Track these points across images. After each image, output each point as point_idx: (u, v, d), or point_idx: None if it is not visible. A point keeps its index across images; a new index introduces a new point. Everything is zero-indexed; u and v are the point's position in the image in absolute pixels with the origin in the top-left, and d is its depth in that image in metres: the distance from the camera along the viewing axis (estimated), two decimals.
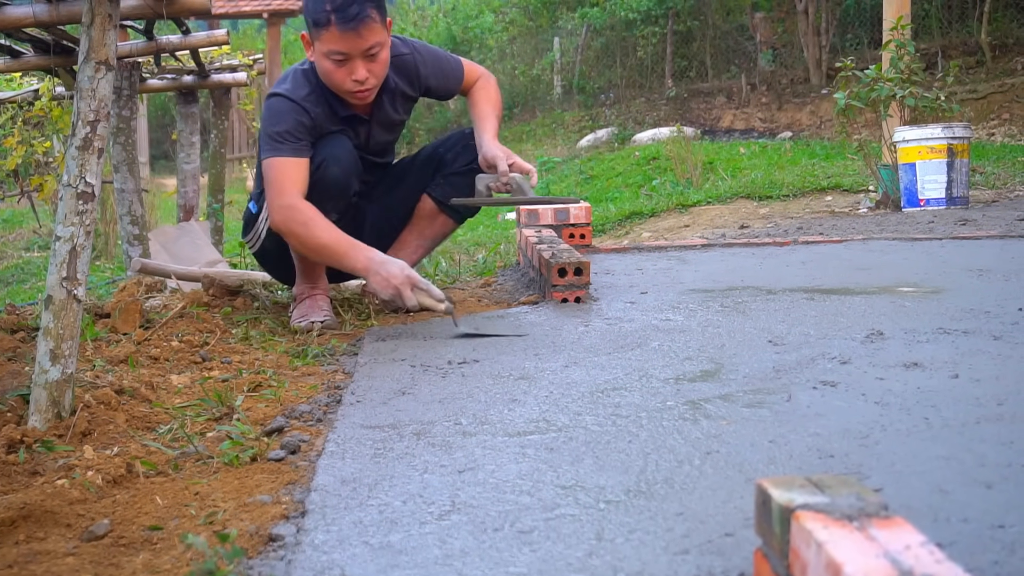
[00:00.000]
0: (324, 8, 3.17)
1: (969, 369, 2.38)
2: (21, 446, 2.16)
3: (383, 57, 3.29)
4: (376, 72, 3.29)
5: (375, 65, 3.27)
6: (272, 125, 3.27)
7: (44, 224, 11.06)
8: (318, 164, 3.29)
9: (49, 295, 2.35)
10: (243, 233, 3.71)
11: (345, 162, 3.34)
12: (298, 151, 3.24)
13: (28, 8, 3.63)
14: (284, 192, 3.19)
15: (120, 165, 5.68)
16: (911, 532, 1.11)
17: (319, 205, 3.27)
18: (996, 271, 3.72)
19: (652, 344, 2.81)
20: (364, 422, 2.24)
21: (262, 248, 3.60)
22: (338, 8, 3.15)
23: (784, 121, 15.52)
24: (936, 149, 6.80)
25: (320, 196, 3.28)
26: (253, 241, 3.62)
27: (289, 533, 1.65)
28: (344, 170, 3.33)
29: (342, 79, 3.25)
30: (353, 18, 3.15)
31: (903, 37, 7.38)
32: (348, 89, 3.28)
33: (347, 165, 3.35)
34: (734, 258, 4.38)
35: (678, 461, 1.88)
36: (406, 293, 2.98)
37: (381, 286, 3.01)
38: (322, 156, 3.30)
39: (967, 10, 14.88)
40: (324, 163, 3.29)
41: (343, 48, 3.19)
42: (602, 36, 18.66)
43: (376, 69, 3.28)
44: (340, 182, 3.33)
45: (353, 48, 3.20)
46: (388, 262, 3.06)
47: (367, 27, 3.18)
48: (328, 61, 3.24)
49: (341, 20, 3.15)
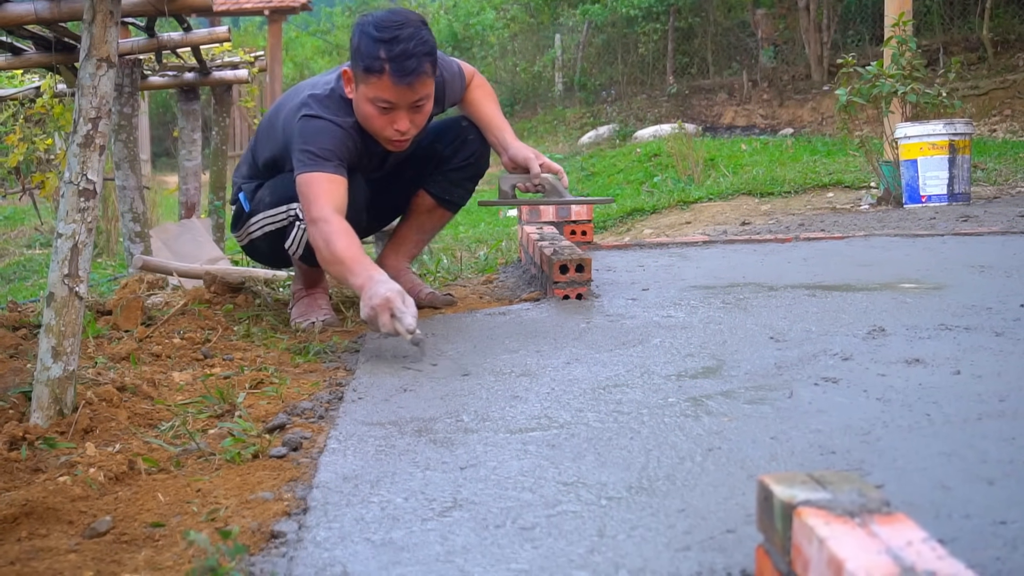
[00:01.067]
0: (379, 55, 3.02)
1: (971, 365, 2.38)
2: (23, 443, 2.16)
3: (427, 108, 3.19)
4: (418, 123, 3.20)
5: (419, 116, 3.18)
6: (316, 142, 3.11)
7: (46, 221, 11.06)
8: None
9: (51, 292, 2.35)
10: (232, 227, 3.63)
11: (358, 203, 3.24)
12: (339, 169, 3.10)
13: (30, 5, 3.63)
14: (319, 205, 3.03)
15: (122, 162, 5.68)
16: (913, 528, 1.11)
17: None
18: (998, 267, 3.72)
19: (654, 341, 2.81)
20: (366, 419, 2.24)
21: (251, 244, 3.54)
22: (395, 58, 3.01)
23: (786, 118, 15.52)
24: (938, 145, 6.79)
25: None
26: (242, 237, 3.55)
27: (291, 530, 1.66)
28: (356, 210, 3.21)
29: (383, 126, 3.15)
30: (410, 72, 3.03)
31: (905, 33, 7.37)
32: (387, 136, 3.18)
33: (359, 205, 3.25)
34: (736, 255, 4.38)
35: (680, 458, 1.88)
36: (383, 318, 2.75)
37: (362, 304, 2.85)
38: None
39: (969, 6, 14.87)
40: None
41: (392, 99, 3.08)
42: (603, 33, 18.66)
43: (419, 120, 3.20)
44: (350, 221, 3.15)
45: (402, 100, 3.09)
46: (380, 284, 2.82)
47: (420, 81, 3.06)
48: (371, 107, 3.11)
49: (397, 72, 3.02)
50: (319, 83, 3.31)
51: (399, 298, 2.75)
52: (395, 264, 3.67)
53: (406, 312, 2.72)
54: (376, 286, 2.80)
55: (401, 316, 2.72)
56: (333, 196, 3.05)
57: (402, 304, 2.74)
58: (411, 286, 3.58)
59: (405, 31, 3.03)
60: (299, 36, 26.22)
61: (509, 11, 21.25)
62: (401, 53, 3.00)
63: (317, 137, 3.12)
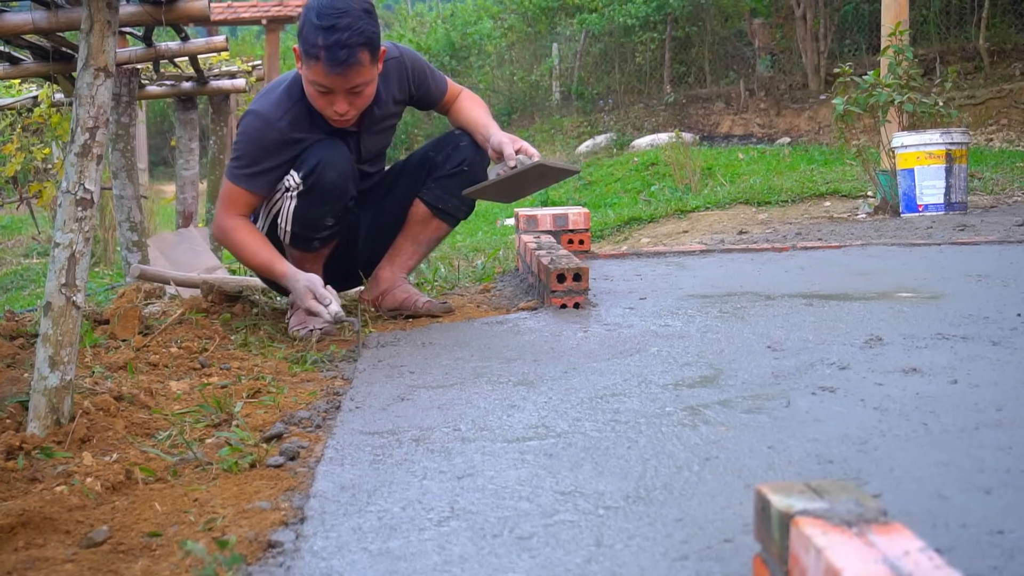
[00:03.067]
0: (316, 42, 3.13)
1: (968, 375, 2.38)
2: (20, 452, 2.16)
3: (368, 92, 3.27)
4: (359, 105, 3.28)
5: (358, 99, 3.26)
6: (236, 147, 3.36)
7: (43, 230, 11.06)
8: (313, 167, 3.27)
9: (48, 301, 2.35)
10: None
11: (341, 166, 3.32)
12: (251, 180, 3.30)
13: (27, 15, 3.64)
14: (227, 214, 3.33)
15: (119, 171, 5.68)
16: (910, 538, 1.11)
17: (317, 209, 3.29)
18: (995, 276, 3.72)
19: (651, 350, 2.81)
20: (363, 428, 2.24)
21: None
22: (329, 47, 3.10)
23: (783, 127, 15.53)
24: (934, 155, 6.80)
25: (317, 200, 3.29)
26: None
27: (288, 539, 1.65)
28: (341, 174, 3.31)
29: (323, 107, 3.26)
30: (341, 62, 3.11)
31: (901, 43, 7.38)
32: (328, 116, 3.28)
33: (343, 169, 3.32)
34: (733, 264, 4.38)
35: (677, 467, 1.88)
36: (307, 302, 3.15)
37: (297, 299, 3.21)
38: (317, 159, 3.27)
39: (965, 16, 14.90)
40: (320, 167, 3.27)
41: (327, 84, 3.17)
42: (600, 42, 18.68)
43: (359, 102, 3.27)
44: (337, 185, 3.30)
45: (337, 86, 3.18)
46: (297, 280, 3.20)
47: (354, 70, 3.15)
48: (311, 88, 3.22)
49: (330, 61, 3.12)
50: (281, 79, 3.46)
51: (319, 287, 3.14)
52: (390, 275, 3.64)
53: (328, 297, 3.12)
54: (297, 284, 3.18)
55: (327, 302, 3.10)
56: (240, 207, 3.34)
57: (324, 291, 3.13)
58: (406, 296, 3.58)
59: (343, 20, 3.10)
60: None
61: (506, 20, 21.27)
62: (335, 43, 3.09)
63: (240, 139, 3.34)
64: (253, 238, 3.33)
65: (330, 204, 3.33)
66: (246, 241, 3.32)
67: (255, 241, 3.32)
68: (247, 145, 3.30)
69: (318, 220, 3.35)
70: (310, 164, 3.27)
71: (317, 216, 3.33)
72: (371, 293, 3.67)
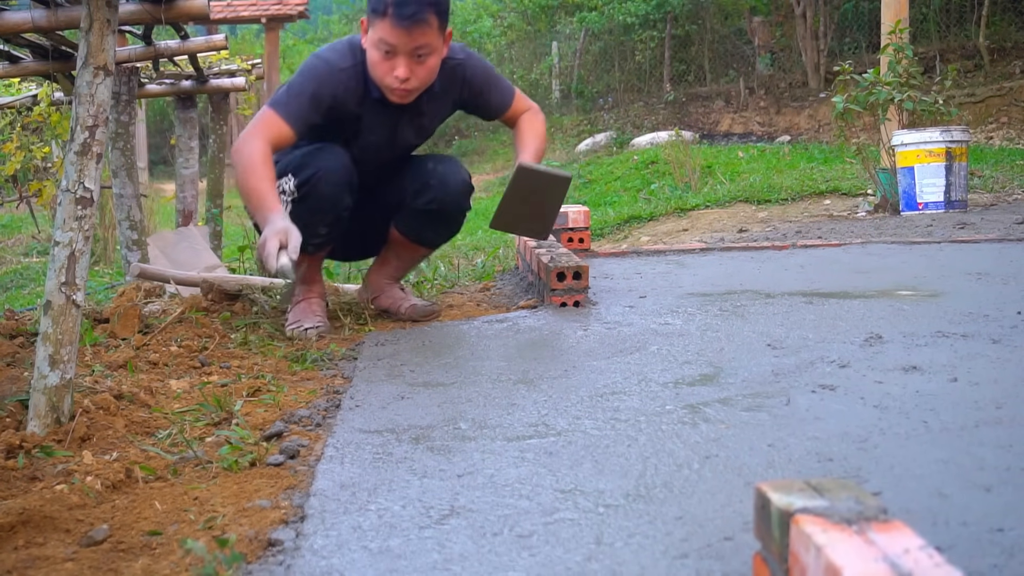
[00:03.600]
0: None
1: (968, 372, 2.38)
2: (20, 451, 2.16)
3: (430, 63, 3.22)
4: (420, 75, 3.22)
5: (420, 68, 3.21)
6: (296, 84, 3.26)
7: (43, 229, 11.06)
8: (309, 176, 3.22)
9: (48, 300, 2.35)
10: None
11: (338, 178, 3.26)
12: (295, 120, 3.19)
13: (27, 13, 3.64)
14: (255, 135, 3.16)
15: (119, 170, 5.68)
16: (910, 536, 1.11)
17: (309, 218, 3.19)
18: (994, 274, 3.72)
19: (651, 348, 2.81)
20: (363, 427, 2.24)
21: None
22: (398, 2, 3.11)
23: (782, 125, 15.54)
24: (934, 153, 6.80)
25: (310, 210, 3.22)
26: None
27: (288, 538, 1.65)
28: (336, 186, 3.25)
29: (385, 72, 3.20)
30: (409, 17, 3.10)
31: (901, 41, 7.38)
32: (388, 84, 3.21)
33: (339, 181, 3.27)
34: (732, 262, 4.38)
35: (677, 465, 1.88)
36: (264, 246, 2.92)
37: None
38: (315, 169, 3.23)
39: (965, 14, 14.90)
40: (316, 177, 3.22)
41: (392, 40, 3.14)
42: (600, 40, 18.68)
43: (420, 72, 3.22)
44: (331, 198, 3.25)
45: (402, 44, 3.14)
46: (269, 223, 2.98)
47: (420, 28, 3.12)
48: (376, 50, 3.19)
49: (397, 14, 3.11)
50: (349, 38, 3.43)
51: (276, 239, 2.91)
52: (377, 281, 3.65)
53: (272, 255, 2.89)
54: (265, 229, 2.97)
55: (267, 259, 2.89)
56: (275, 134, 3.18)
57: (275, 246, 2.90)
58: (391, 301, 3.60)
59: None
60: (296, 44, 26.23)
61: (506, 19, 21.28)
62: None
63: (301, 76, 3.28)
64: (265, 165, 3.12)
65: (323, 214, 3.26)
66: (255, 164, 3.11)
67: (263, 169, 3.11)
68: (303, 80, 3.25)
69: (311, 228, 3.20)
70: (307, 173, 3.23)
71: (310, 224, 3.19)
72: (363, 295, 3.71)
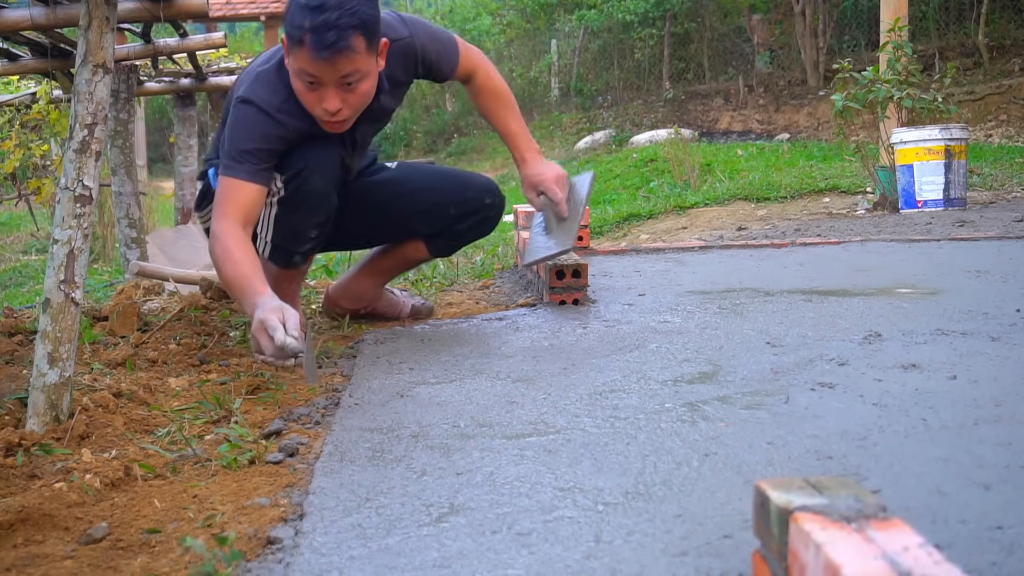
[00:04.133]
0: (302, 24, 2.71)
1: (967, 370, 2.38)
2: (19, 449, 2.16)
3: (363, 89, 2.85)
4: (353, 103, 2.86)
5: (353, 96, 2.84)
6: (237, 140, 2.86)
7: (42, 227, 11.07)
8: (298, 171, 2.96)
9: (47, 298, 2.35)
10: (197, 205, 3.28)
11: (328, 172, 3.02)
12: (254, 175, 2.83)
13: (25, 11, 3.63)
14: (221, 216, 2.79)
15: (118, 168, 5.68)
16: (909, 533, 1.11)
17: (299, 217, 3.02)
18: (994, 272, 3.72)
19: (650, 346, 2.81)
20: (362, 425, 2.24)
21: None
22: (315, 29, 2.69)
23: (782, 123, 15.54)
24: (933, 150, 6.80)
25: (299, 207, 3.01)
26: (206, 217, 3.19)
27: (287, 536, 1.65)
28: (327, 181, 3.01)
29: (312, 103, 2.84)
30: (328, 46, 2.69)
31: (900, 39, 7.38)
32: (318, 116, 2.87)
33: (330, 175, 3.03)
34: (732, 260, 4.38)
35: (676, 463, 1.88)
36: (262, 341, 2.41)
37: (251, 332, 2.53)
38: (303, 163, 2.96)
39: (964, 11, 14.90)
40: (305, 172, 2.96)
41: (313, 72, 2.76)
42: (599, 38, 18.69)
43: (353, 100, 2.85)
44: (322, 192, 3.01)
45: (325, 76, 2.76)
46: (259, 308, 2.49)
47: (344, 56, 2.72)
48: (299, 81, 2.81)
49: (316, 45, 2.70)
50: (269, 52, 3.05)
51: (274, 316, 2.41)
52: (371, 290, 3.48)
53: (277, 328, 2.37)
54: (256, 311, 2.49)
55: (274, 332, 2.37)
56: (239, 205, 2.81)
57: (276, 321, 2.39)
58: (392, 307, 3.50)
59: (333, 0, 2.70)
60: None
61: (505, 16, 21.29)
62: (322, 24, 2.67)
63: (240, 130, 2.87)
64: (240, 247, 2.74)
65: (314, 213, 3.04)
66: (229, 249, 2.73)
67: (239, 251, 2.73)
68: (250, 138, 2.86)
69: (301, 230, 3.06)
70: (295, 167, 2.96)
71: (300, 225, 3.04)
72: (347, 305, 3.50)
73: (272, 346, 2.37)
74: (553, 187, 3.27)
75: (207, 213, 3.17)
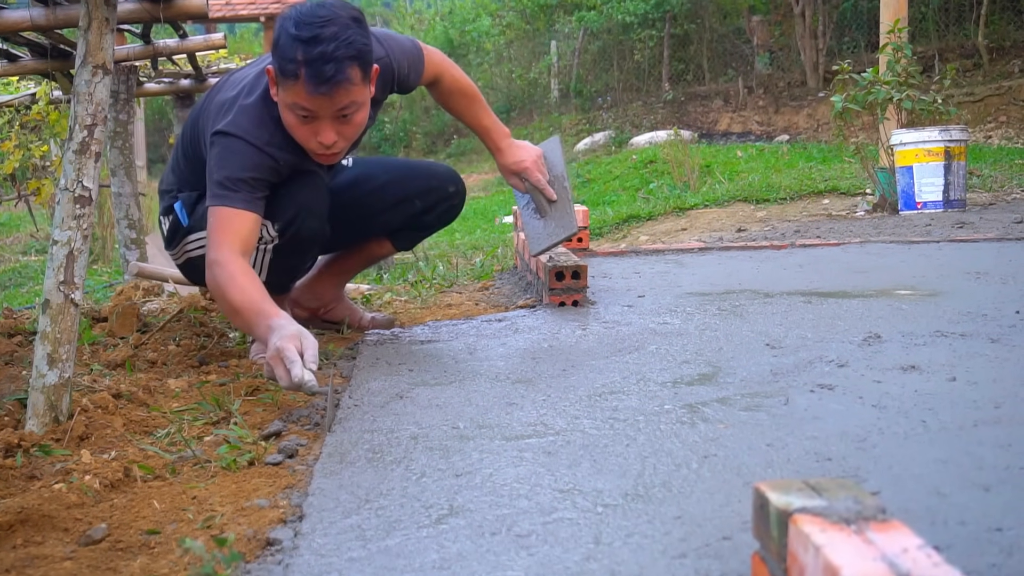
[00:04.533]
0: (295, 57, 2.61)
1: (967, 372, 2.38)
2: (19, 450, 2.16)
3: (358, 120, 2.78)
4: (348, 135, 2.79)
5: (347, 127, 2.77)
6: (229, 170, 2.75)
7: (41, 228, 11.07)
8: (291, 218, 2.91)
9: (46, 299, 2.35)
10: (167, 243, 3.19)
11: (320, 211, 2.99)
12: (250, 203, 2.74)
13: (25, 12, 3.63)
14: (219, 245, 2.68)
15: (117, 169, 5.68)
16: (909, 535, 1.11)
17: (295, 259, 3.03)
18: (993, 274, 3.72)
19: (649, 348, 2.81)
20: (362, 426, 2.24)
21: (190, 263, 3.12)
22: (311, 62, 2.60)
23: (781, 124, 15.55)
24: (933, 152, 6.80)
25: (295, 251, 3.00)
26: (179, 255, 3.16)
27: (287, 537, 1.65)
28: (320, 221, 2.99)
29: (305, 138, 2.76)
30: (327, 80, 2.61)
31: (900, 40, 7.38)
32: (311, 149, 2.79)
33: (321, 214, 2.99)
34: (731, 261, 4.38)
35: (676, 465, 1.88)
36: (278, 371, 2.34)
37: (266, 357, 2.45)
38: (296, 209, 2.90)
39: (964, 13, 14.90)
40: (298, 219, 2.92)
41: (309, 107, 2.68)
42: (599, 40, 18.70)
43: (348, 132, 2.78)
44: (316, 234, 3.00)
45: (321, 110, 2.69)
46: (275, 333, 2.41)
47: (342, 89, 2.65)
48: (291, 114, 2.72)
49: (312, 79, 2.61)
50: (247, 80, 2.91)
51: (292, 345, 2.35)
52: (329, 291, 3.44)
53: (296, 362, 2.30)
54: (273, 336, 2.41)
55: (291, 366, 2.30)
56: (236, 233, 2.71)
57: (295, 353, 2.32)
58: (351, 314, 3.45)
59: (327, 30, 2.61)
60: None
61: (505, 17, 21.29)
62: (319, 56, 2.60)
63: (228, 161, 2.76)
64: (244, 274, 2.65)
65: (309, 252, 3.08)
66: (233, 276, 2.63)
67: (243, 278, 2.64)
68: (243, 167, 2.76)
69: (298, 267, 3.11)
70: (288, 215, 2.90)
71: (297, 264, 3.08)
72: (310, 303, 3.44)
73: (288, 379, 2.30)
74: (535, 174, 3.32)
75: (180, 250, 3.11)
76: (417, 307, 3.82)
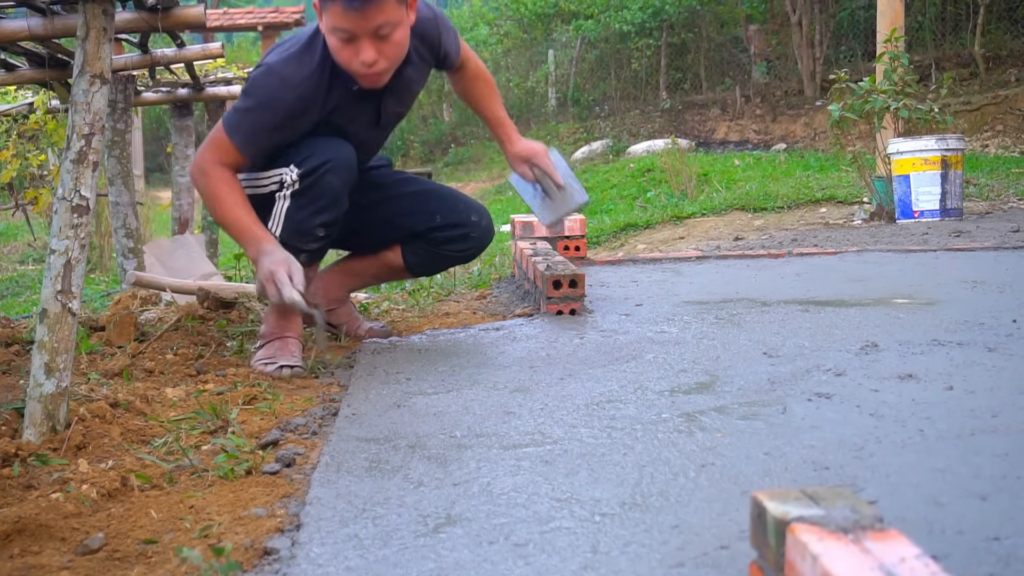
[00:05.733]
0: None
1: (964, 381, 2.38)
2: (16, 460, 2.16)
3: (397, 38, 2.91)
4: (388, 54, 2.92)
5: (387, 46, 2.90)
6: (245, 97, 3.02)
7: (39, 237, 11.06)
8: (317, 166, 2.98)
9: (44, 308, 2.35)
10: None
11: (345, 174, 3.05)
12: (244, 147, 2.98)
13: (23, 22, 3.63)
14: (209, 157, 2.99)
15: (115, 178, 5.67)
16: (906, 544, 1.11)
17: (309, 213, 3.02)
18: (990, 283, 3.72)
19: (647, 356, 2.81)
20: (359, 435, 2.24)
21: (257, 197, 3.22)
22: None
23: (778, 133, 15.56)
24: (930, 161, 6.81)
25: (311, 203, 3.01)
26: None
27: (284, 546, 1.65)
28: (342, 181, 3.04)
29: (349, 58, 2.91)
30: None
31: (897, 49, 7.40)
32: (355, 71, 2.93)
33: (346, 177, 3.05)
34: (729, 270, 4.39)
35: (673, 473, 1.88)
36: (269, 290, 2.80)
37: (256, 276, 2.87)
38: (325, 158, 3.00)
39: (961, 22, 14.94)
40: (325, 168, 2.99)
41: (347, 26, 2.84)
42: (596, 48, 18.72)
43: (388, 51, 2.91)
44: (335, 191, 3.02)
45: (358, 27, 2.84)
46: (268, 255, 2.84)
47: (375, 6, 2.80)
48: (334, 37, 2.89)
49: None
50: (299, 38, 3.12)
51: (282, 269, 2.80)
52: (336, 291, 3.45)
53: (285, 283, 2.77)
54: (264, 259, 2.85)
55: (282, 287, 2.77)
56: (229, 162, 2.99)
57: (285, 275, 2.79)
58: (350, 320, 3.46)
59: None
60: None
61: (502, 26, 21.31)
62: None
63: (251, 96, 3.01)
64: (231, 191, 2.97)
65: (324, 211, 3.04)
66: (222, 192, 2.96)
67: (232, 195, 2.96)
68: (255, 104, 2.98)
69: (309, 227, 3.04)
70: (314, 162, 3.00)
71: (308, 222, 3.03)
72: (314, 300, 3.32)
73: (279, 297, 2.75)
74: (544, 159, 3.54)
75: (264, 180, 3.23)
76: (415, 316, 3.82)
